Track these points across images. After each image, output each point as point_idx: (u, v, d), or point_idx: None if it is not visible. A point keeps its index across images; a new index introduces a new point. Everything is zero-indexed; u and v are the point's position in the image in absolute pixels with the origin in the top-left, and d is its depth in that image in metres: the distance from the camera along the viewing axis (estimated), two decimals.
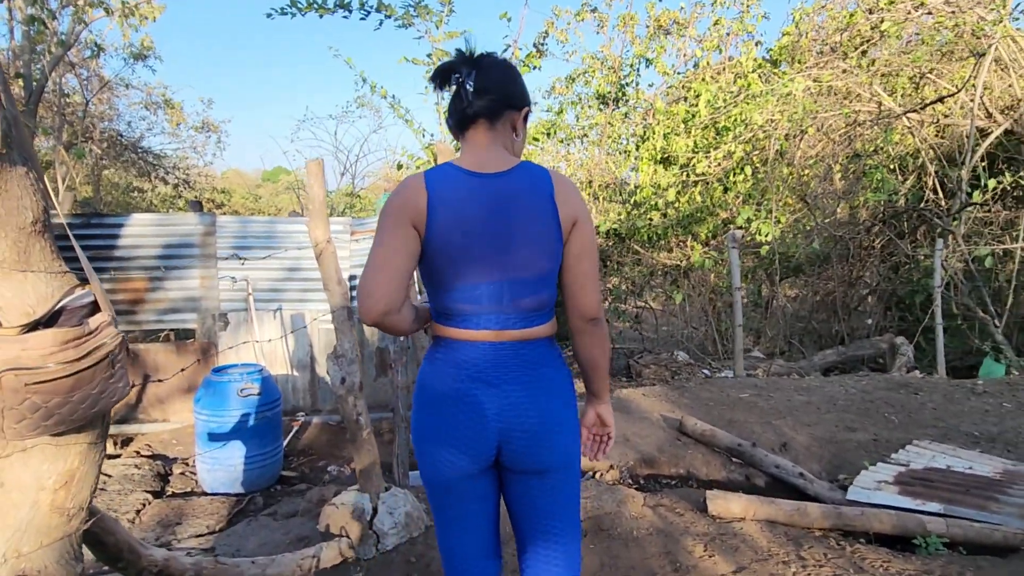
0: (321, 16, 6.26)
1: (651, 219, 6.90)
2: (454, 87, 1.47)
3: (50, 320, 1.20)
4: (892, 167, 7.31)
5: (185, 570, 1.93)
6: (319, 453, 4.52)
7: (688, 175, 6.58)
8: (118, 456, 4.45)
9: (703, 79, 6.96)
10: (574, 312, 1.49)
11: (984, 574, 2.37)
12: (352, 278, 5.43)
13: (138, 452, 4.53)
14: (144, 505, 3.66)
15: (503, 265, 1.41)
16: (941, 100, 6.86)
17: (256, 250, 5.37)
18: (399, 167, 7.02)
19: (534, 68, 6.48)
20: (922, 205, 7.12)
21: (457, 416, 1.46)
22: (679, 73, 7.65)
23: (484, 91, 1.43)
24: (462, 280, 1.43)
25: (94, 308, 1.26)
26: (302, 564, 2.37)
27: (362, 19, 6.19)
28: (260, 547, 3.02)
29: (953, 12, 6.39)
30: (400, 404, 3.53)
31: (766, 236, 6.00)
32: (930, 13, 6.68)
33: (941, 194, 7.10)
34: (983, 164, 6.82)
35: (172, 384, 5.13)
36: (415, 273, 1.51)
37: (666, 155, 6.59)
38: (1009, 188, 6.33)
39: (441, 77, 1.47)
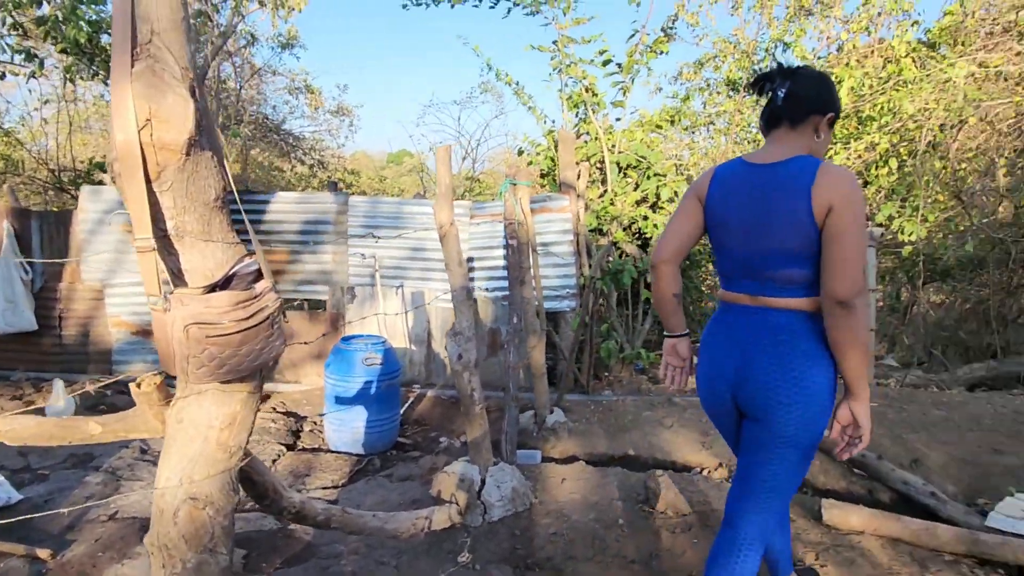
0: (453, 6, 6.47)
1: None
2: (769, 93, 1.73)
3: (224, 284, 1.39)
4: None
5: (317, 515, 2.15)
6: (431, 424, 4.77)
7: None
8: (257, 411, 4.94)
9: (847, 64, 6.43)
10: (824, 293, 1.56)
11: None
12: (470, 259, 5.64)
13: (274, 408, 5.00)
14: (279, 456, 4.06)
15: (755, 239, 1.65)
16: None
17: (384, 229, 5.71)
18: (520, 153, 7.13)
19: (661, 53, 6.31)
20: None
21: (709, 362, 1.79)
22: (820, 58, 7.13)
23: (791, 97, 1.67)
24: (725, 248, 1.74)
25: (258, 275, 1.44)
26: (416, 523, 2.54)
27: (491, 7, 6.32)
28: (377, 504, 3.26)
29: None
30: (511, 383, 3.64)
31: (910, 235, 5.49)
32: None
33: None
34: None
35: (304, 349, 5.62)
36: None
37: None
38: None
39: (758, 85, 1.75)
